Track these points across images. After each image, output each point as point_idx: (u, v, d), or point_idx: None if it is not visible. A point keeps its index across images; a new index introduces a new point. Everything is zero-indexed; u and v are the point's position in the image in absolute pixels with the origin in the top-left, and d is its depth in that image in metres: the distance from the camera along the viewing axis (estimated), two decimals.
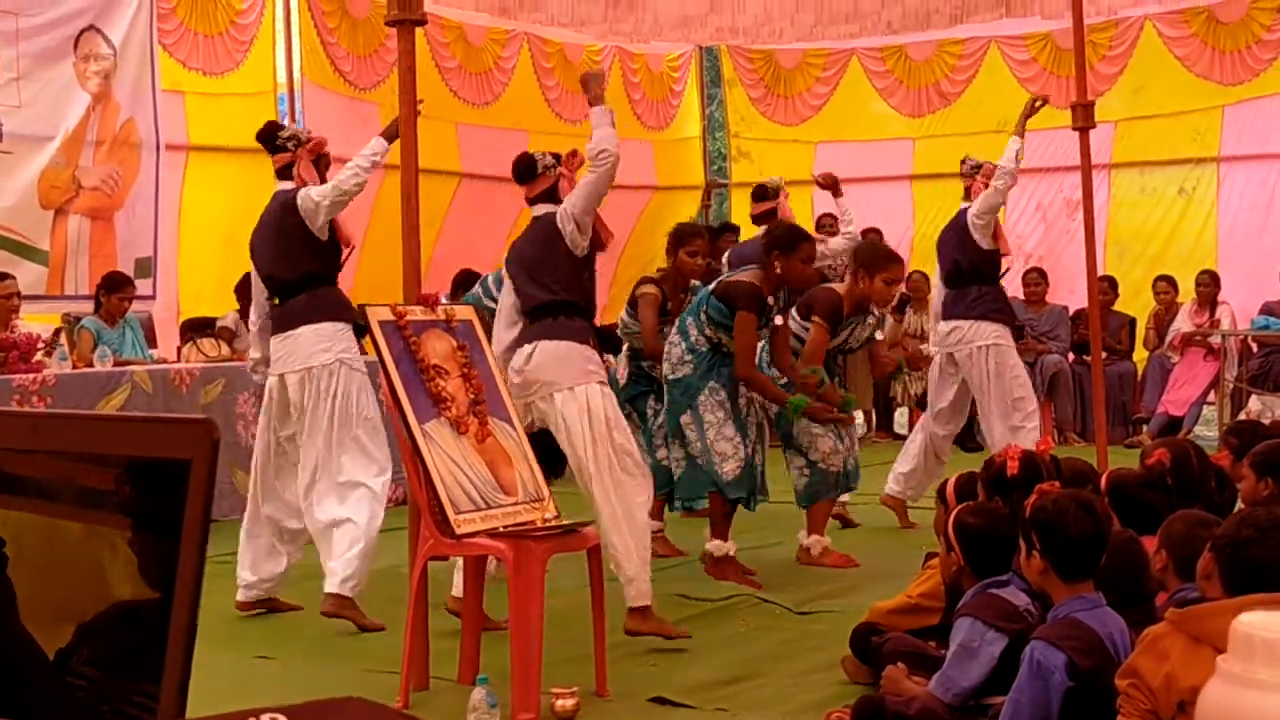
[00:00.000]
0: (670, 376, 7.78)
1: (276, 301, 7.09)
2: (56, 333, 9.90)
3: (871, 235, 14.61)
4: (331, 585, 6.74)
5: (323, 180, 7.12)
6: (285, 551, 7.17)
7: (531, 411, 6.36)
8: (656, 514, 8.07)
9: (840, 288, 8.31)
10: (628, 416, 7.72)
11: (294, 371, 6.89)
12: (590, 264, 6.63)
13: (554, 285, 6.41)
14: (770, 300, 7.74)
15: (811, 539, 8.24)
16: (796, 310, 8.30)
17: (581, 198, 6.46)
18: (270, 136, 7.21)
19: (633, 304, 8.62)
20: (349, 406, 6.85)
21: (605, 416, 6.23)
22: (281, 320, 6.99)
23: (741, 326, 7.52)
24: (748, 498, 7.71)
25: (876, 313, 8.73)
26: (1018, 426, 8.99)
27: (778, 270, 7.60)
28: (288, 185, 7.08)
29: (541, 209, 6.68)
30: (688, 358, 7.65)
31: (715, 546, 7.71)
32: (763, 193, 9.51)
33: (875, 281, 8.06)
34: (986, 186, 9.19)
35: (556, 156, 6.84)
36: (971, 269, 9.24)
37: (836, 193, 9.56)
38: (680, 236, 8.52)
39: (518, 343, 6.43)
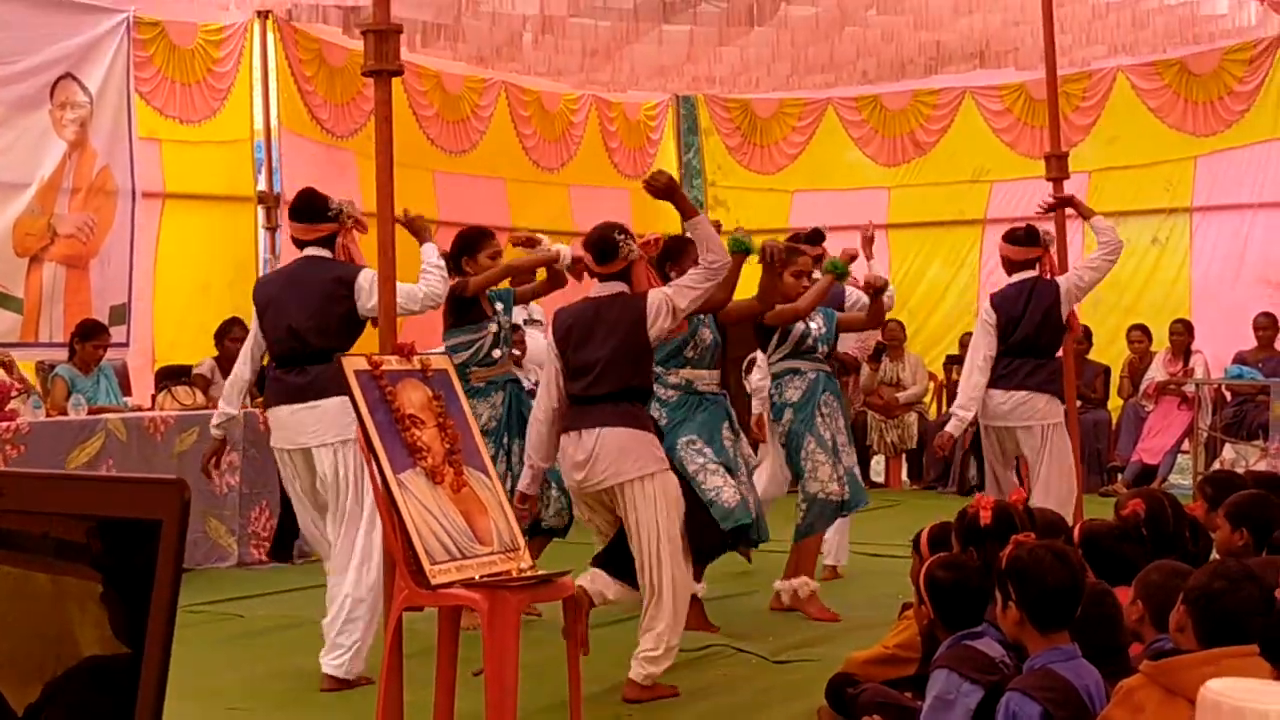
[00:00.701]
0: None
1: (277, 366, 6.84)
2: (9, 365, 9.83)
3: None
4: (342, 665, 6.62)
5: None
6: None
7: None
8: None
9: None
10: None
11: (327, 445, 6.58)
12: None
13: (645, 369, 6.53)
14: None
15: (800, 580, 8.19)
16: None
17: (690, 298, 6.45)
18: (317, 207, 6.90)
19: None
20: None
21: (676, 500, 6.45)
22: (301, 390, 6.64)
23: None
24: (750, 527, 7.50)
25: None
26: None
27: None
28: (322, 253, 6.84)
29: (614, 286, 6.62)
30: (660, 414, 7.51)
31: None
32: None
33: (785, 276, 8.04)
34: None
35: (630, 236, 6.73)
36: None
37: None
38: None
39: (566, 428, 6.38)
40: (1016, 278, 8.64)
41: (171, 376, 11.30)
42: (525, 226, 15.42)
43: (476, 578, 5.19)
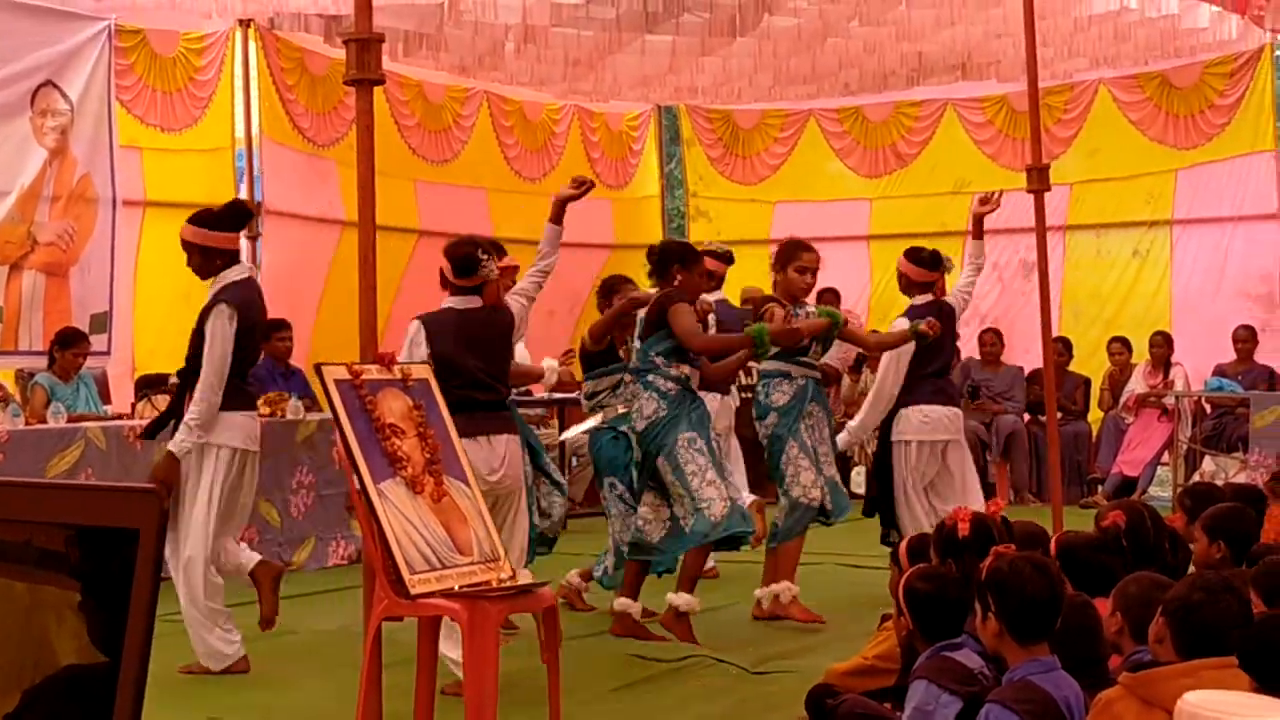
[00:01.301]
0: (639, 428, 7.71)
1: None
2: None
3: (828, 295, 14.73)
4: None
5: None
6: None
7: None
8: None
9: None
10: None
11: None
12: None
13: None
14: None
15: (781, 585, 8.22)
16: None
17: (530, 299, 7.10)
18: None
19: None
20: None
21: None
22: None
23: (674, 315, 7.53)
24: (739, 536, 7.61)
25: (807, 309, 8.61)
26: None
27: (677, 282, 7.68)
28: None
29: (472, 300, 6.95)
30: (660, 405, 7.59)
31: (625, 604, 7.72)
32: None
33: (789, 271, 8.07)
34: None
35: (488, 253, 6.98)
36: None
37: None
38: (609, 288, 8.66)
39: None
40: (920, 299, 8.93)
41: (152, 385, 11.28)
42: (507, 236, 15.48)
43: (456, 588, 5.18)
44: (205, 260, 7.12)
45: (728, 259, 9.58)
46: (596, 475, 8.61)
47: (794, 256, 8.18)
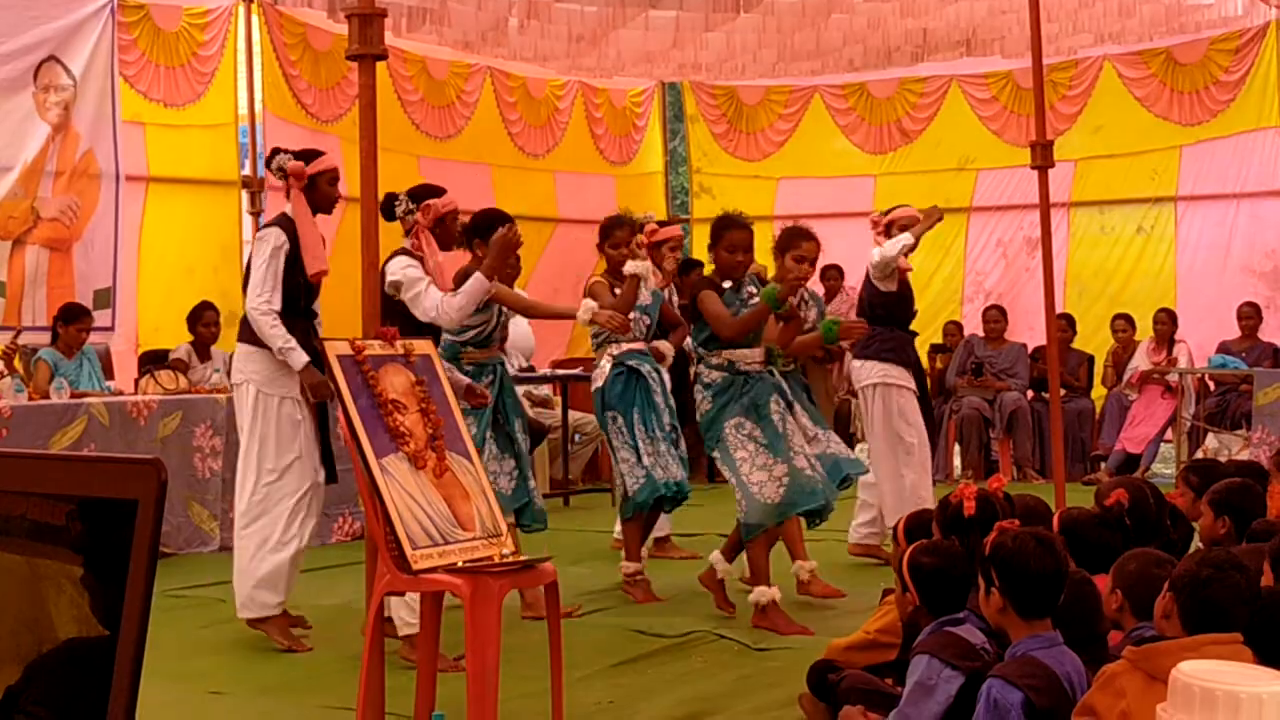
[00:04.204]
0: (700, 422, 7.76)
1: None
2: None
3: (832, 272, 14.71)
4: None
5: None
6: None
7: None
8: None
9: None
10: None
11: None
12: None
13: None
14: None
15: (798, 565, 8.25)
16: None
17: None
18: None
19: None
20: None
21: None
22: None
23: (701, 304, 7.57)
24: (819, 510, 7.62)
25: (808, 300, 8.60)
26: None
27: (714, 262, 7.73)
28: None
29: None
30: (705, 398, 7.64)
31: (760, 593, 7.55)
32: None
33: (786, 259, 8.06)
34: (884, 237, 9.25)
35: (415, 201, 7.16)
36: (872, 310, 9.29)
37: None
38: (604, 230, 8.62)
39: None
40: None
41: (155, 360, 11.30)
42: (510, 212, 15.44)
43: (459, 563, 5.18)
44: None
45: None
46: (600, 414, 8.54)
47: (792, 244, 8.13)
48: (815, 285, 14.08)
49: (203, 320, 11.42)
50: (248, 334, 7.20)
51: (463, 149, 15.19)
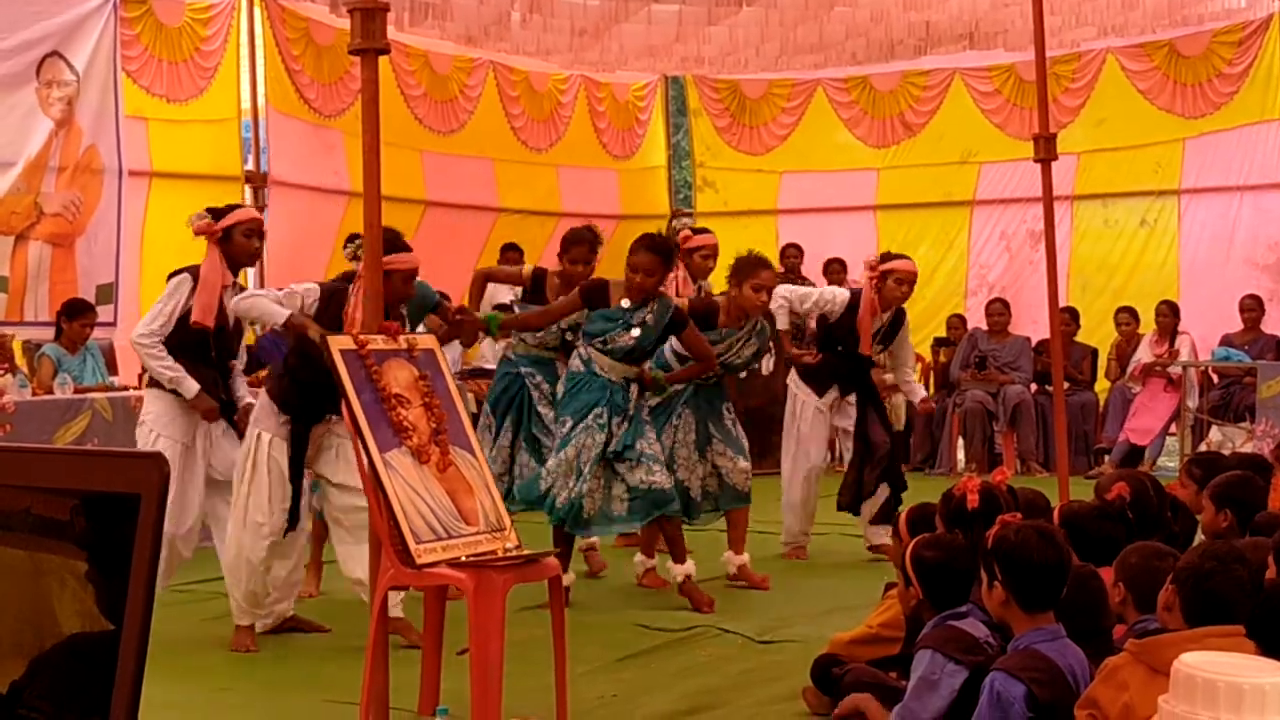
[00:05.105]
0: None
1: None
2: None
3: (835, 266, 14.70)
4: None
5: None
6: None
7: None
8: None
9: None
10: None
11: None
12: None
13: None
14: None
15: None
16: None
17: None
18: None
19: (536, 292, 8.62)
20: None
21: None
22: None
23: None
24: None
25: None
26: None
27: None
28: None
29: None
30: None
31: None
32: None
33: (745, 289, 8.08)
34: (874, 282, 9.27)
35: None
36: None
37: None
38: (564, 243, 8.62)
39: None
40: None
41: None
42: (513, 207, 15.47)
43: (462, 557, 5.19)
44: None
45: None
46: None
47: (751, 274, 8.19)
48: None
49: None
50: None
51: (466, 143, 15.20)
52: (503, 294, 10.15)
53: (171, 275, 7.33)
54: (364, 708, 5.35)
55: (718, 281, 8.91)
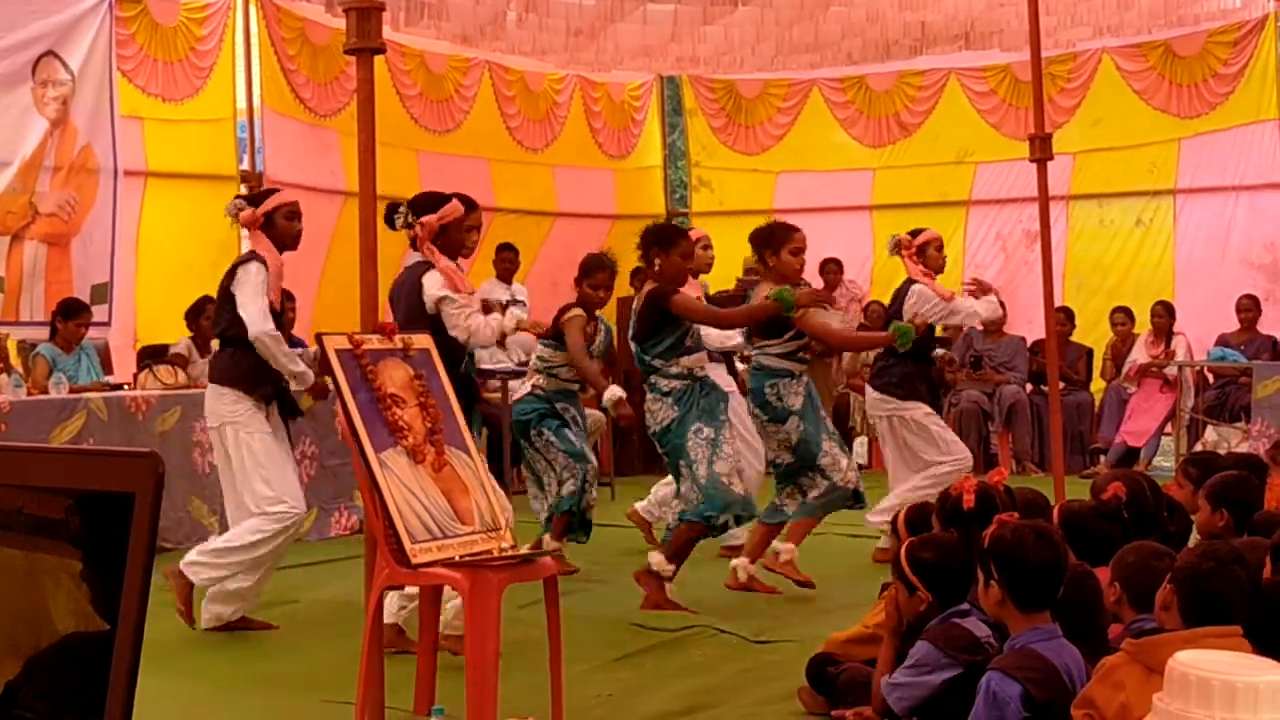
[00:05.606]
0: (653, 430, 7.80)
1: None
2: None
3: (831, 266, 14.72)
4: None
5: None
6: None
7: None
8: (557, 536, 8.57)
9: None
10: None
11: None
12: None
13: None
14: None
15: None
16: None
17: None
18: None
19: (555, 335, 8.64)
20: None
21: None
22: None
23: (678, 307, 7.59)
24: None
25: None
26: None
27: (657, 267, 7.63)
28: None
29: (411, 256, 7.10)
30: (667, 407, 7.65)
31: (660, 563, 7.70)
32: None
33: (783, 255, 8.02)
34: (915, 259, 9.28)
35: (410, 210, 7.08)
36: None
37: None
38: (585, 268, 8.69)
39: None
40: None
41: (153, 356, 11.27)
42: (508, 207, 15.45)
43: (457, 557, 5.19)
44: None
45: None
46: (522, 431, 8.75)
47: (787, 239, 8.11)
48: (814, 279, 14.11)
49: (205, 314, 11.34)
50: (213, 371, 7.30)
51: (461, 143, 15.19)
52: (500, 292, 10.19)
53: (235, 267, 7.26)
54: (359, 707, 5.35)
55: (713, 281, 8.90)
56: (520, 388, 9.12)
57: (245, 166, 13.04)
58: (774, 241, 8.06)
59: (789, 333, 7.97)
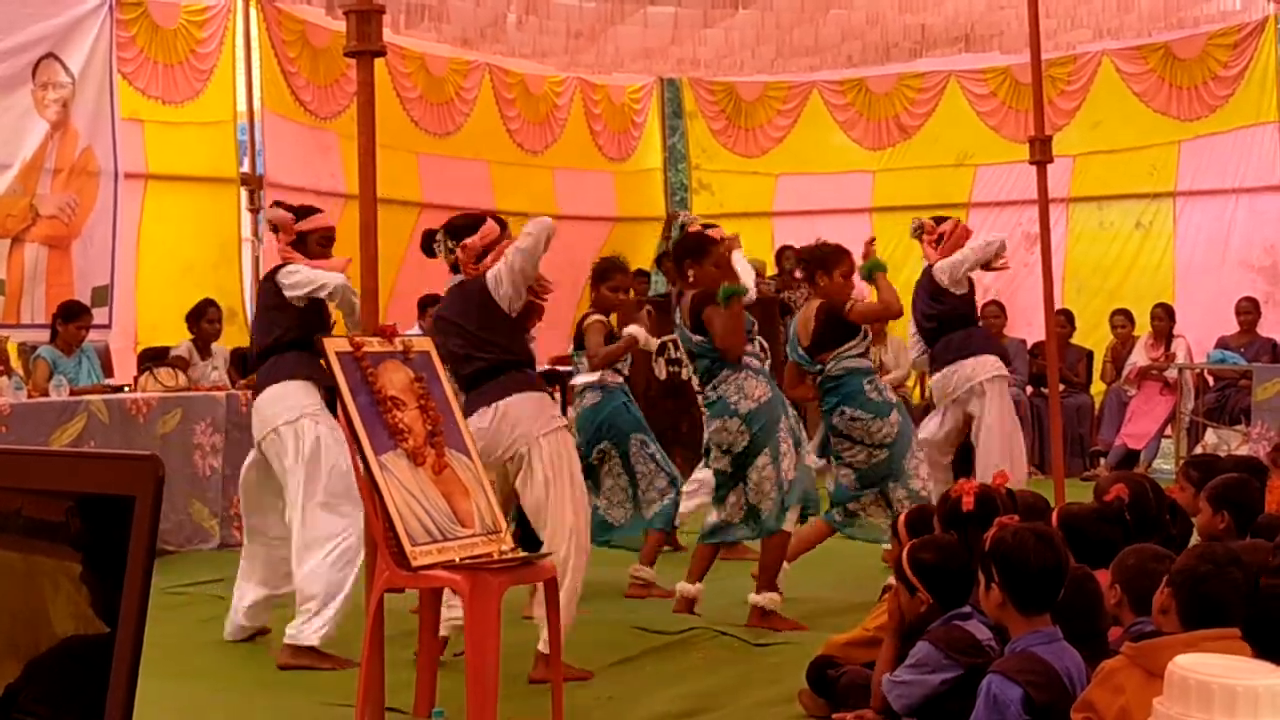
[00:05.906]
0: (744, 409, 7.44)
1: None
2: None
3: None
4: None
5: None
6: None
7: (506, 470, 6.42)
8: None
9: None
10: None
11: None
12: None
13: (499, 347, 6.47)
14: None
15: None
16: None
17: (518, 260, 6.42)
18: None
19: (579, 340, 8.65)
20: None
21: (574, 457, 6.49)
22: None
23: (709, 321, 7.45)
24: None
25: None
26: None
27: (691, 278, 7.55)
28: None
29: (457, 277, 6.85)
30: (766, 387, 7.55)
31: (768, 599, 7.48)
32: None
33: (835, 276, 7.99)
34: (935, 245, 9.37)
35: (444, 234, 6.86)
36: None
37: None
38: (601, 272, 8.65)
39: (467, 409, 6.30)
40: None
41: (154, 358, 11.27)
42: (509, 209, 15.45)
43: (457, 560, 5.19)
44: None
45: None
46: (614, 438, 8.52)
47: (840, 261, 8.09)
48: None
49: (206, 317, 11.37)
50: (273, 374, 6.98)
51: (461, 146, 15.20)
52: None
53: (273, 274, 7.19)
54: (360, 709, 5.35)
55: None
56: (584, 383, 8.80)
57: (245, 169, 13.05)
58: (828, 264, 8.02)
59: (859, 332, 8.03)
